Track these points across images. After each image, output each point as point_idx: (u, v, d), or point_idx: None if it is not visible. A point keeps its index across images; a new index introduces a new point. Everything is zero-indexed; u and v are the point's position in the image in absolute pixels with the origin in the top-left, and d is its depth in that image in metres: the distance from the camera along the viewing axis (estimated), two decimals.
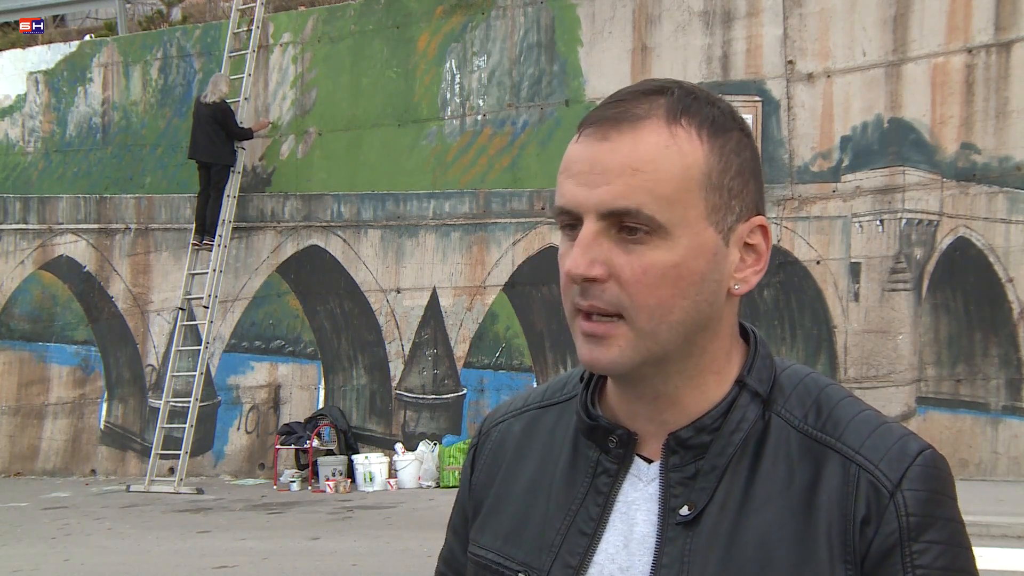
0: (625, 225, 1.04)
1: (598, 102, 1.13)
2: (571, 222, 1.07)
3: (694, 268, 1.05)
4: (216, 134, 11.58)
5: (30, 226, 13.30)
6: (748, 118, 10.18)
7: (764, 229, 1.10)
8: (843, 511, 1.04)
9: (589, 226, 1.05)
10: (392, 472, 10.84)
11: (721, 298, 1.08)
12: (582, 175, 1.05)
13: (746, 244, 1.09)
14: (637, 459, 1.12)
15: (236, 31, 12.38)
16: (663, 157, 1.04)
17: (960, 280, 9.42)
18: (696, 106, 1.07)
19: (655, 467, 1.11)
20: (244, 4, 12.44)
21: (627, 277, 1.04)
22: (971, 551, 1.07)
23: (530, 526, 1.16)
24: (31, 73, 13.54)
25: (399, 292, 11.54)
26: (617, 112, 1.06)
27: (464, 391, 11.20)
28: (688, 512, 1.07)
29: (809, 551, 1.04)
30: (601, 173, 1.04)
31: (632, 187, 1.03)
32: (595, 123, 1.07)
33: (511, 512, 1.19)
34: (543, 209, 10.85)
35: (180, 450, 11.15)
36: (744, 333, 1.16)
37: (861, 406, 1.11)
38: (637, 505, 1.11)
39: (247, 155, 12.18)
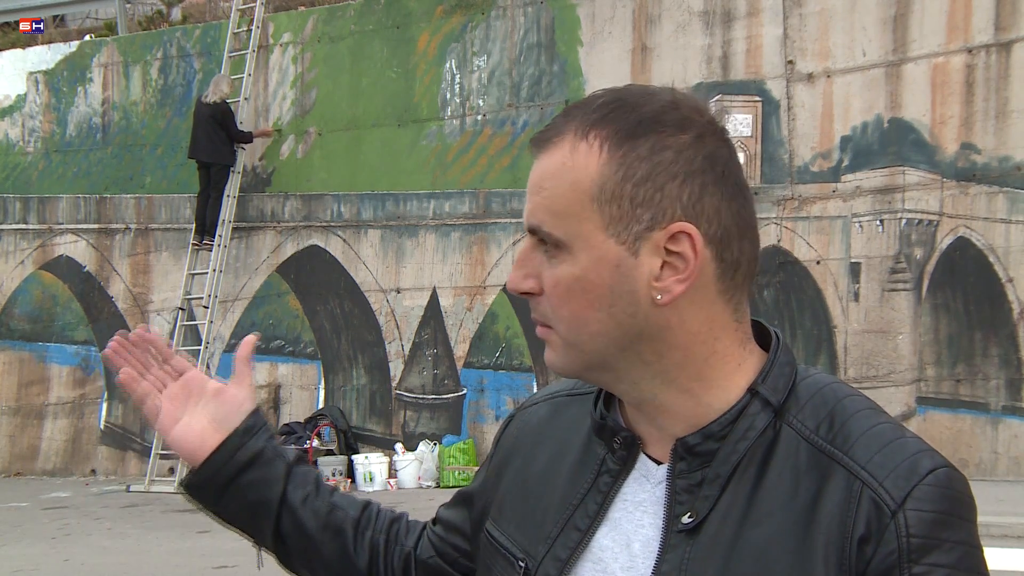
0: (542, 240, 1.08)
1: None
2: None
3: (597, 281, 1.05)
4: (216, 134, 11.58)
5: (30, 226, 13.30)
6: (748, 118, 10.18)
7: (689, 236, 1.04)
8: (843, 528, 1.00)
9: (524, 242, 1.10)
10: (392, 472, 10.84)
11: (644, 308, 1.05)
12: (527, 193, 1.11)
13: (670, 251, 1.04)
14: (648, 460, 1.12)
15: (236, 31, 12.37)
16: (559, 174, 1.07)
17: (960, 280, 9.42)
18: (612, 116, 1.06)
19: (663, 470, 1.11)
20: (244, 4, 12.43)
21: (546, 290, 1.08)
22: None
23: (536, 514, 1.17)
24: (31, 73, 13.54)
25: (399, 292, 11.54)
26: (544, 132, 1.11)
27: (464, 391, 11.20)
28: (690, 520, 1.06)
29: (806, 566, 1.01)
30: (527, 192, 1.10)
31: (537, 205, 1.08)
32: (532, 143, 1.12)
33: (523, 497, 1.20)
34: None
35: None
36: (767, 338, 1.13)
37: (878, 419, 1.06)
38: (645, 507, 1.11)
39: (247, 155, 12.18)
